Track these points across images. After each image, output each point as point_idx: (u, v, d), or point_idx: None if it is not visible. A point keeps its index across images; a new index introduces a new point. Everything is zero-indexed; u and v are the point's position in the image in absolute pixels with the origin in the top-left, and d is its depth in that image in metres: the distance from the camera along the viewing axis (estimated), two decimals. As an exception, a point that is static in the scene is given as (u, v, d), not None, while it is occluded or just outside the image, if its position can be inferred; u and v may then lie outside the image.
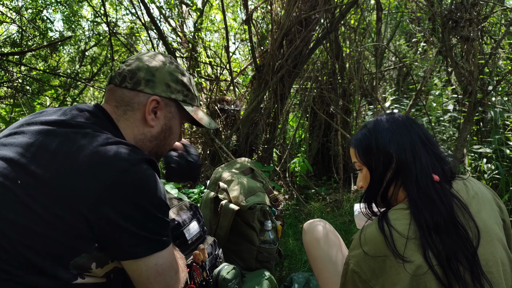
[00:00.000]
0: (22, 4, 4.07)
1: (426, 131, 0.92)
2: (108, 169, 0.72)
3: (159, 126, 0.92)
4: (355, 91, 3.42)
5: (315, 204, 2.80)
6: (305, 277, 1.66)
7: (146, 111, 0.88)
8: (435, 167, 0.85)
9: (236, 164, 1.97)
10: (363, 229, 0.82)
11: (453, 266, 0.72)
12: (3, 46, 3.70)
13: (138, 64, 0.89)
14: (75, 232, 0.70)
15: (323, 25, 3.05)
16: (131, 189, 0.73)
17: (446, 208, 0.78)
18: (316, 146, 3.60)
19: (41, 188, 0.70)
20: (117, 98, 0.88)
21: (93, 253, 0.73)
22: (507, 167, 2.37)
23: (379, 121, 0.94)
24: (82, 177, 0.71)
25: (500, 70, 2.99)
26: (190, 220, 1.36)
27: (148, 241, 0.76)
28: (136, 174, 0.74)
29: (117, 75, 0.88)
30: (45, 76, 3.80)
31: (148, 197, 0.75)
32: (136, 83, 0.87)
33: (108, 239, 0.73)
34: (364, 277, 0.77)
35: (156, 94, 0.89)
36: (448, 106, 3.24)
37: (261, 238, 1.66)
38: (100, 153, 0.73)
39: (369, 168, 0.92)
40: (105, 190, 0.71)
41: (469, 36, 2.39)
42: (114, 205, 0.71)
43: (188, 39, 3.55)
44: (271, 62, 2.85)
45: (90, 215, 0.70)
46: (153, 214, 0.76)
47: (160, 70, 0.90)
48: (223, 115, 3.10)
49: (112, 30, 3.64)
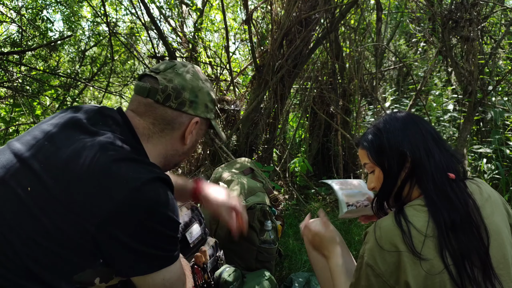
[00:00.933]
0: (22, 4, 4.07)
1: (434, 128, 0.92)
2: (119, 187, 0.70)
3: (191, 143, 0.94)
4: (355, 91, 3.42)
5: (315, 204, 2.80)
6: (305, 277, 1.66)
7: (187, 131, 0.90)
8: (449, 165, 0.84)
9: (236, 164, 1.97)
10: (378, 223, 0.81)
11: (467, 266, 0.72)
12: (3, 46, 3.70)
13: (182, 83, 0.87)
14: (80, 249, 0.69)
15: (323, 25, 3.05)
16: (143, 210, 0.71)
17: (462, 206, 0.77)
18: (316, 146, 3.60)
19: (49, 200, 0.69)
20: (157, 116, 0.86)
21: (97, 269, 0.72)
22: (507, 167, 2.37)
23: (388, 120, 0.92)
24: (92, 193, 0.69)
25: (500, 70, 2.99)
26: (192, 222, 1.35)
27: (156, 259, 0.75)
28: (148, 194, 0.72)
29: (160, 91, 0.85)
30: (45, 76, 3.80)
31: (160, 217, 0.74)
32: (181, 104, 0.87)
33: (115, 257, 0.72)
34: (378, 271, 0.76)
35: (197, 116, 0.91)
36: (448, 106, 3.24)
37: (261, 238, 1.66)
38: (112, 169, 0.72)
39: (383, 169, 0.90)
40: (116, 210, 0.69)
41: (469, 36, 2.39)
42: (124, 226, 0.70)
43: (188, 39, 3.55)
44: (271, 62, 2.85)
45: (97, 233, 0.68)
46: (164, 233, 0.74)
47: (202, 91, 0.91)
48: (223, 115, 3.10)
49: (112, 30, 3.64)
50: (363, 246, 0.82)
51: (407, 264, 0.73)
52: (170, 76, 0.87)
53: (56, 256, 0.68)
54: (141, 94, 0.86)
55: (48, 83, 3.79)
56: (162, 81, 0.86)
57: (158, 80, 0.86)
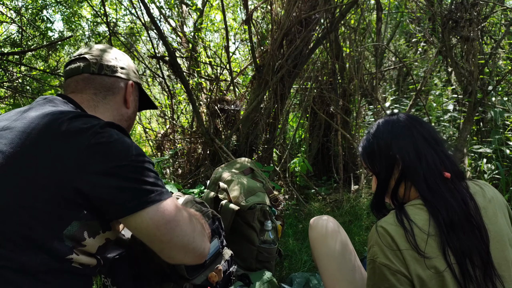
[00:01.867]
0: (22, 4, 4.07)
1: (432, 129, 0.92)
2: (80, 135, 0.74)
3: (132, 107, 1.04)
4: (355, 91, 3.42)
5: (315, 204, 2.80)
6: (304, 277, 1.66)
7: (127, 93, 1.00)
8: (444, 165, 0.85)
9: (236, 164, 1.97)
10: (379, 223, 0.81)
11: (468, 266, 0.72)
12: (3, 46, 3.70)
13: (108, 55, 0.98)
14: (61, 200, 0.71)
15: (323, 25, 3.05)
16: (109, 146, 0.75)
17: (459, 205, 0.77)
18: (316, 146, 3.60)
19: (24, 167, 0.72)
20: (97, 86, 0.95)
21: (83, 221, 0.74)
22: (507, 167, 2.37)
23: (379, 124, 0.95)
24: (58, 147, 0.73)
25: (500, 70, 2.99)
26: (212, 236, 1.25)
27: (143, 192, 0.75)
28: (108, 133, 0.77)
29: (93, 64, 0.94)
30: (45, 76, 3.80)
31: (127, 150, 0.76)
32: (114, 71, 0.98)
33: (101, 201, 0.73)
34: (395, 268, 0.75)
35: (131, 79, 1.02)
36: (448, 106, 3.24)
37: (261, 238, 1.66)
38: (71, 123, 0.76)
39: (374, 173, 0.93)
40: (83, 154, 0.73)
41: (469, 36, 2.39)
42: (95, 166, 0.72)
43: (188, 39, 3.55)
44: (271, 62, 2.85)
45: (75, 181, 0.71)
46: (138, 166, 0.76)
47: (127, 60, 1.03)
48: (223, 115, 3.10)
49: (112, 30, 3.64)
50: (369, 250, 0.80)
51: (410, 262, 0.74)
52: (96, 53, 0.97)
53: (43, 213, 0.71)
54: (76, 73, 0.94)
55: (48, 83, 3.79)
56: (90, 57, 0.95)
57: (86, 58, 0.95)
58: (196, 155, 3.22)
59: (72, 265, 0.74)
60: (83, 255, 0.76)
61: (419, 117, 0.96)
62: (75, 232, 0.73)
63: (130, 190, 0.74)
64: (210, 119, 3.06)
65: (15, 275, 0.68)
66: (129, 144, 0.78)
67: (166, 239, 0.76)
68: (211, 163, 2.96)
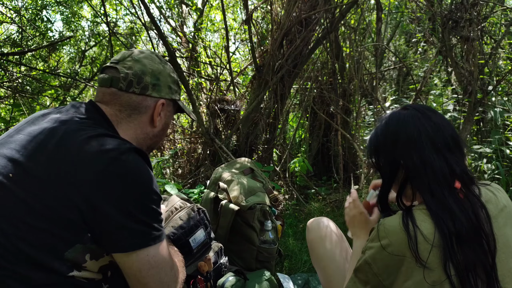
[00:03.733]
0: (22, 4, 4.07)
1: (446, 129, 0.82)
2: (97, 158, 0.73)
3: (161, 125, 0.97)
4: (355, 91, 3.42)
5: (315, 204, 2.80)
6: (304, 278, 1.66)
7: (154, 113, 0.93)
8: (454, 173, 0.78)
9: (236, 164, 1.97)
10: (383, 222, 0.77)
11: (471, 279, 0.70)
12: (3, 46, 3.70)
13: (142, 68, 0.91)
14: (67, 222, 0.70)
15: (323, 25, 3.05)
16: (122, 178, 0.73)
17: (467, 217, 0.73)
18: (316, 146, 3.60)
19: (33, 181, 0.71)
20: (123, 103, 0.89)
21: (87, 244, 0.73)
22: (507, 167, 2.37)
23: (388, 120, 0.87)
24: (72, 166, 0.72)
25: (500, 70, 2.98)
26: (197, 227, 1.30)
27: (140, 234, 0.75)
28: (126, 163, 0.74)
29: (122, 79, 0.88)
30: (45, 76, 3.80)
31: (140, 186, 0.75)
32: (144, 88, 0.90)
33: (99, 230, 0.73)
34: (375, 270, 0.75)
35: (162, 97, 0.94)
36: (448, 106, 3.24)
37: (261, 238, 1.66)
38: (90, 143, 0.74)
39: (379, 170, 0.89)
40: (97, 180, 0.71)
41: (469, 36, 2.39)
42: (105, 195, 0.71)
43: (188, 39, 3.56)
44: (271, 62, 2.85)
45: (82, 204, 0.70)
46: (145, 205, 0.75)
47: (163, 73, 0.94)
48: (223, 115, 3.09)
49: (112, 30, 3.64)
50: (367, 242, 0.80)
51: (409, 269, 0.71)
52: (129, 64, 0.90)
53: (46, 233, 0.70)
54: (105, 85, 0.90)
55: (48, 83, 3.79)
56: (122, 69, 0.89)
57: (118, 70, 0.89)
58: (196, 155, 3.22)
59: (75, 279, 0.73)
60: (85, 271, 0.75)
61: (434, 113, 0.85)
62: (77, 254, 0.72)
63: (130, 230, 0.74)
64: (210, 119, 3.06)
65: (19, 286, 0.68)
66: (144, 179, 0.76)
67: (143, 282, 0.77)
68: (211, 163, 2.96)
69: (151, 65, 0.92)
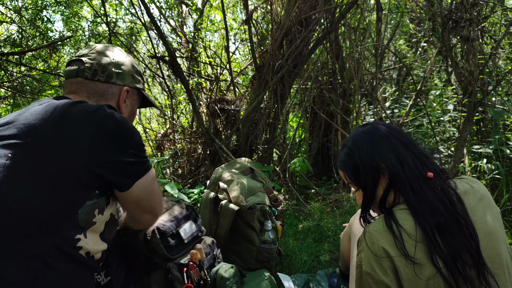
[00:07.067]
0: (22, 4, 4.07)
1: (408, 136, 0.92)
2: (88, 119, 0.82)
3: (127, 112, 1.06)
4: (355, 91, 3.42)
5: (315, 204, 2.80)
6: (304, 278, 1.66)
7: (120, 100, 1.02)
8: (425, 165, 0.85)
9: (236, 164, 1.97)
10: (368, 229, 0.80)
11: (459, 266, 0.72)
12: (3, 46, 3.70)
13: (105, 59, 0.99)
14: (77, 185, 0.78)
15: (323, 25, 3.05)
16: (116, 128, 0.84)
17: (445, 206, 0.77)
18: (316, 146, 3.60)
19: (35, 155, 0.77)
20: (90, 90, 0.97)
21: (94, 200, 0.82)
22: (507, 167, 2.37)
23: (355, 136, 0.94)
24: (68, 133, 0.79)
25: (500, 70, 2.98)
26: (186, 220, 1.36)
27: (140, 166, 0.89)
28: (113, 115, 0.85)
29: (87, 69, 0.97)
30: (45, 76, 3.80)
31: (132, 132, 0.87)
32: (108, 76, 0.99)
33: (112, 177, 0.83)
34: (377, 278, 0.75)
35: (126, 85, 1.03)
36: (448, 106, 3.24)
37: (261, 238, 1.66)
38: (76, 107, 0.83)
39: (360, 186, 0.92)
40: (95, 137, 0.80)
41: (469, 36, 2.39)
42: (109, 147, 0.82)
43: (188, 39, 3.56)
44: (271, 62, 2.85)
45: (91, 165, 0.79)
46: (140, 144, 0.89)
47: (126, 63, 1.04)
48: (223, 115, 3.09)
49: (112, 30, 3.64)
50: (358, 255, 0.81)
51: (401, 268, 0.73)
52: (94, 56, 0.99)
53: (60, 198, 0.76)
54: (71, 76, 0.98)
55: (48, 83, 3.79)
56: (87, 61, 0.98)
57: (83, 61, 0.98)
58: (196, 155, 3.22)
59: (79, 252, 0.79)
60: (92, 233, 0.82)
61: (392, 123, 0.96)
62: (88, 210, 0.80)
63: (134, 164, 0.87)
64: (210, 119, 3.06)
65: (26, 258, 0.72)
66: (130, 125, 0.88)
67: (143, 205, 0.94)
68: (211, 163, 2.96)
69: (114, 56, 1.01)
